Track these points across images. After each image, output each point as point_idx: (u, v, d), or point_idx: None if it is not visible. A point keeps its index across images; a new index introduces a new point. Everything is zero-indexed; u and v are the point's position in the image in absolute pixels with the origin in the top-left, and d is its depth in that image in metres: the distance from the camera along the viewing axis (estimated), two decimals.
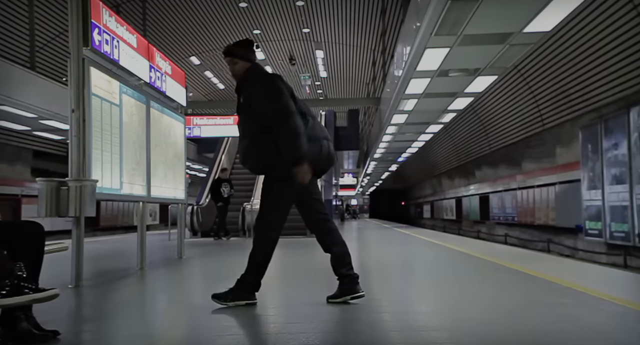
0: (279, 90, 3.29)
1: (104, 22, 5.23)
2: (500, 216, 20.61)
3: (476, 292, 3.95)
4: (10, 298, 2.21)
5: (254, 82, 3.38)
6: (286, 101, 3.27)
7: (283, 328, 2.87)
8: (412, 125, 13.21)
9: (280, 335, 2.66)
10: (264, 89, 3.32)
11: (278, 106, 3.25)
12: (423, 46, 6.60)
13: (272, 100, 3.26)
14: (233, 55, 3.42)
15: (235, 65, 3.41)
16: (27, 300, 2.22)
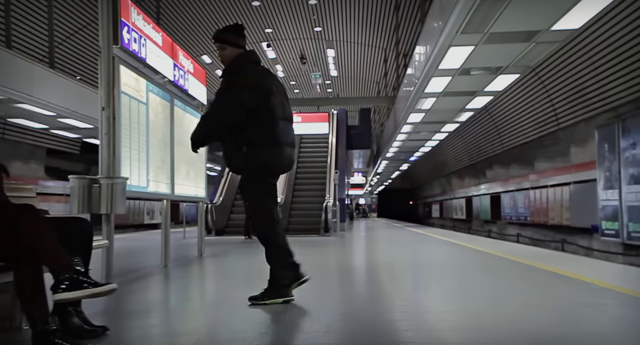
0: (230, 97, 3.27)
1: (133, 20, 5.24)
2: (512, 216, 20.52)
3: (515, 292, 3.92)
4: (70, 292, 2.22)
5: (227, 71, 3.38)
6: (221, 102, 3.29)
7: (308, 328, 2.86)
8: (427, 124, 13.17)
9: (306, 335, 2.66)
10: (224, 84, 3.35)
11: (215, 110, 3.33)
12: (447, 44, 6.57)
13: (218, 101, 3.30)
14: (222, 41, 3.39)
15: (223, 50, 3.38)
16: (87, 295, 2.23)
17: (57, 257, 2.28)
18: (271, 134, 3.33)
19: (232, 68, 3.38)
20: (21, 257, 2.25)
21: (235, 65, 3.37)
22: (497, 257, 6.74)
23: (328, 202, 13.44)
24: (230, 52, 3.36)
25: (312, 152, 17.82)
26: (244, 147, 3.33)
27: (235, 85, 3.30)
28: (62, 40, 14.10)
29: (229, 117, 3.29)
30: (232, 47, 3.37)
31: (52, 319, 2.29)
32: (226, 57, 3.37)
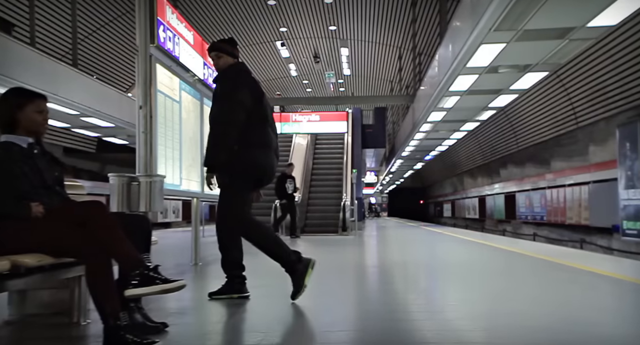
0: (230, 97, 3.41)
1: (167, 19, 5.27)
2: (528, 215, 20.40)
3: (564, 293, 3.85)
4: (142, 288, 2.23)
5: (225, 76, 3.54)
6: (236, 109, 3.38)
7: (331, 327, 2.86)
8: (448, 123, 13.12)
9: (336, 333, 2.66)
10: (227, 86, 3.46)
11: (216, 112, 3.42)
12: (479, 42, 6.54)
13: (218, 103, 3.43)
14: (219, 49, 3.59)
15: (219, 59, 3.58)
16: (158, 291, 2.24)
17: (127, 253, 2.30)
18: (263, 136, 3.51)
19: (228, 73, 3.55)
20: (92, 253, 2.27)
21: (231, 71, 3.55)
22: (526, 256, 6.70)
23: (346, 201, 13.45)
24: (225, 61, 3.56)
25: (327, 151, 17.83)
26: (235, 146, 3.43)
27: (238, 86, 3.46)
28: (83, 37, 14.22)
29: (240, 117, 3.43)
30: (228, 56, 3.57)
31: (123, 315, 2.30)
32: (221, 66, 3.57)
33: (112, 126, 11.85)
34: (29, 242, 2.25)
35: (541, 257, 6.44)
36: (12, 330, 2.87)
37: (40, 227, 2.29)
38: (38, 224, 2.30)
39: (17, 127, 2.63)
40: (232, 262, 3.63)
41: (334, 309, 3.47)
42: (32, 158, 2.61)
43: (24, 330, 2.87)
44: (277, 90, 28.08)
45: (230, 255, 3.62)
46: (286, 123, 15.58)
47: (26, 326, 2.93)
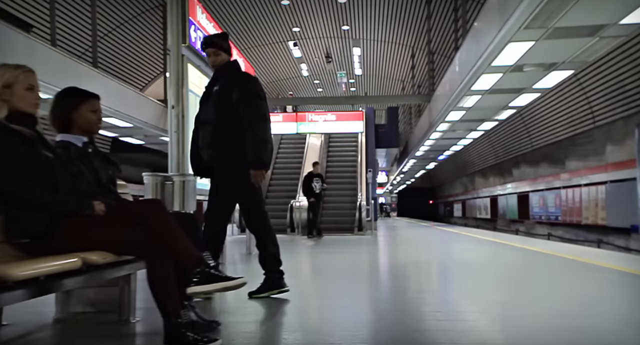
0: (262, 96, 3.46)
1: (198, 19, 5.29)
2: (542, 215, 20.28)
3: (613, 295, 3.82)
4: (203, 285, 2.24)
5: (237, 80, 3.50)
6: (266, 108, 3.46)
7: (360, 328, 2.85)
8: (465, 123, 13.07)
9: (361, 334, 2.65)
10: (249, 91, 3.45)
11: (259, 111, 3.41)
12: (506, 40, 6.50)
13: (255, 103, 3.42)
14: (219, 47, 3.55)
15: (217, 57, 3.55)
16: (219, 288, 2.25)
17: (188, 251, 2.31)
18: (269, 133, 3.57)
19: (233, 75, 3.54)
20: (152, 251, 2.28)
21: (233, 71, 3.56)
22: (555, 256, 6.65)
23: (362, 201, 13.44)
24: (223, 59, 3.55)
25: (341, 151, 17.82)
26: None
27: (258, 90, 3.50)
28: (101, 36, 14.32)
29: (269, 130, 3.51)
30: (226, 54, 3.56)
31: (184, 313, 2.31)
32: (218, 63, 3.54)
33: (130, 126, 11.90)
34: (93, 240, 2.27)
35: (570, 257, 6.40)
36: (64, 328, 2.89)
37: (103, 225, 2.31)
38: (100, 222, 2.32)
39: (72, 126, 2.65)
40: (269, 257, 3.64)
41: (372, 309, 3.47)
42: (88, 157, 2.63)
43: (74, 328, 2.89)
44: (289, 90, 28.11)
45: (268, 251, 3.65)
46: (302, 123, 15.60)
47: (76, 324, 2.95)
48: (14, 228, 2.19)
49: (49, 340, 2.73)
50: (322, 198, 11.55)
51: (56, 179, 2.30)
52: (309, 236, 11.26)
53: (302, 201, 13.49)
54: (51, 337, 2.77)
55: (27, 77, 2.29)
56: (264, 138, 3.42)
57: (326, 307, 3.45)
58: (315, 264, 6.35)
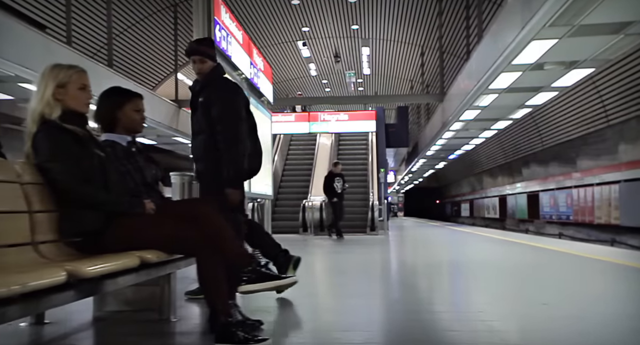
0: (239, 114, 3.30)
1: (222, 18, 5.29)
2: (553, 215, 20.20)
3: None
4: (255, 284, 2.24)
5: (219, 91, 3.36)
6: (241, 127, 3.29)
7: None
8: (479, 122, 13.01)
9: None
10: (228, 110, 3.28)
11: (232, 130, 3.25)
12: (530, 38, 6.46)
13: (230, 122, 3.27)
14: (204, 54, 3.41)
15: (203, 64, 3.40)
16: (271, 287, 2.25)
17: (239, 250, 2.31)
18: (255, 145, 3.55)
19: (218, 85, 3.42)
20: (204, 250, 2.28)
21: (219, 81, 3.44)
22: (579, 256, 6.61)
23: (374, 201, 13.42)
24: (209, 66, 3.42)
25: (351, 151, 17.80)
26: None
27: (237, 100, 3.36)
28: (115, 34, 14.39)
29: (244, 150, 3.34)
30: (211, 62, 3.44)
31: (235, 312, 2.31)
32: (204, 70, 3.41)
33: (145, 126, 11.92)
34: (144, 239, 2.27)
35: (596, 257, 6.36)
36: (106, 327, 2.90)
37: (154, 224, 2.31)
38: (151, 221, 2.32)
39: (116, 125, 2.66)
40: (268, 246, 3.67)
41: (401, 309, 3.46)
42: (133, 156, 2.63)
43: (117, 326, 2.89)
44: (297, 90, 28.11)
45: (265, 242, 3.71)
46: (314, 122, 15.59)
47: (118, 322, 2.95)
48: (68, 226, 2.20)
49: (95, 338, 2.73)
50: (343, 198, 11.32)
51: (108, 178, 2.31)
52: (335, 236, 10.92)
53: (314, 201, 13.48)
54: (96, 335, 2.78)
55: (80, 77, 2.29)
56: (238, 159, 3.26)
57: (357, 307, 3.44)
58: (334, 265, 6.33)
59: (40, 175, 2.17)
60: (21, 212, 2.01)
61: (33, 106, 2.24)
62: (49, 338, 2.62)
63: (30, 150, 2.21)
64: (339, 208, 11.04)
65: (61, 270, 1.55)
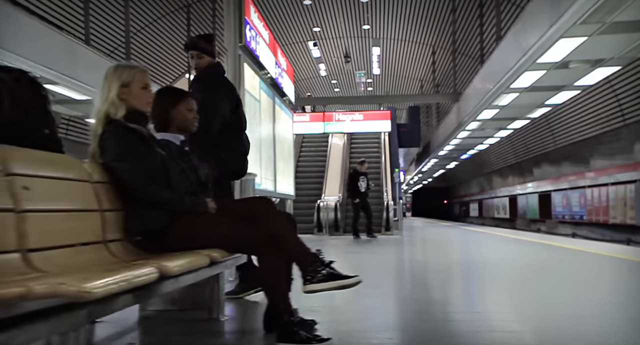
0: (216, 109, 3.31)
1: (252, 18, 5.30)
2: (565, 214, 20.11)
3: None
4: (320, 284, 2.23)
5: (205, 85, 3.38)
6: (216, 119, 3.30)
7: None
8: (496, 121, 12.97)
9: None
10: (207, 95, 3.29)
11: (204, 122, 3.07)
12: (558, 35, 6.41)
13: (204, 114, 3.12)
14: (202, 49, 3.46)
15: (201, 59, 3.44)
16: (335, 286, 2.23)
17: (302, 249, 2.30)
18: (240, 145, 3.54)
19: (207, 79, 3.45)
20: (266, 249, 2.27)
21: (208, 76, 3.46)
22: (609, 257, 6.56)
23: (389, 201, 13.40)
24: (206, 61, 3.46)
25: (363, 151, 17.78)
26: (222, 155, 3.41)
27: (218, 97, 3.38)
28: (133, 33, 14.46)
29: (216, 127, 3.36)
30: (209, 57, 3.47)
31: (296, 311, 2.30)
32: (201, 65, 3.45)
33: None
34: (207, 238, 2.27)
35: (623, 256, 6.32)
36: (156, 325, 2.90)
37: (216, 222, 2.31)
38: (212, 220, 2.32)
39: (170, 125, 2.66)
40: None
41: (439, 310, 3.45)
42: (187, 155, 2.64)
43: (166, 325, 2.90)
44: (307, 91, 28.11)
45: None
46: (329, 122, 15.59)
47: (167, 321, 2.95)
48: (134, 225, 2.20)
49: (147, 337, 2.74)
50: (367, 197, 11.05)
51: (170, 176, 2.31)
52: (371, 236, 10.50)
53: (328, 201, 13.47)
54: (148, 334, 2.78)
55: (142, 76, 2.30)
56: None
57: (389, 308, 3.44)
58: (355, 265, 6.31)
59: (107, 175, 2.18)
60: (94, 210, 2.02)
61: (98, 106, 2.25)
62: (107, 335, 2.63)
63: (96, 150, 2.22)
64: (364, 208, 10.68)
65: (152, 267, 1.55)
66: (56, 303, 1.23)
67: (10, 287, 1.14)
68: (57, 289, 1.14)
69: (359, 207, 10.66)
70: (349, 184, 10.84)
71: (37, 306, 1.21)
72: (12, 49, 6.08)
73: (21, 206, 1.57)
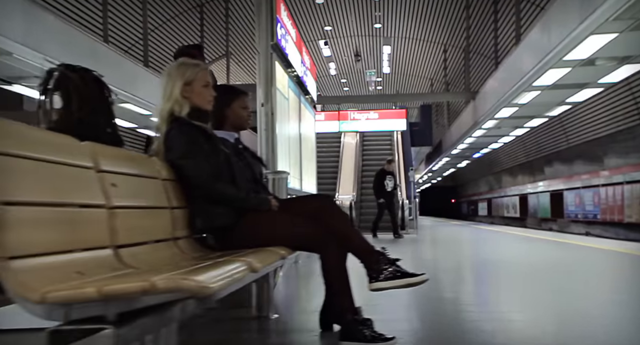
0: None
1: (282, 16, 5.30)
2: (578, 213, 20.01)
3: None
4: (387, 282, 2.22)
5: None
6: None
7: None
8: (514, 120, 12.90)
9: None
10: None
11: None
12: (588, 32, 6.35)
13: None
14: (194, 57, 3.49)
15: None
16: (403, 284, 2.22)
17: (366, 246, 2.29)
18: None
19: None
20: (330, 247, 2.26)
21: None
22: (631, 255, 6.52)
23: (404, 200, 13.38)
24: None
25: (376, 150, 17.75)
26: None
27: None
28: (153, 28, 14.54)
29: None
30: None
31: (360, 309, 2.29)
32: None
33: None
34: (271, 236, 2.26)
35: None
36: (205, 323, 2.89)
37: (280, 220, 2.30)
38: (275, 218, 2.32)
39: (224, 123, 2.66)
40: None
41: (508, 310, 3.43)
42: (241, 153, 2.63)
43: (216, 323, 2.89)
44: (317, 91, 28.10)
45: None
46: (344, 121, 15.57)
47: (216, 320, 2.95)
48: (200, 222, 2.20)
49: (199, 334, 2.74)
50: (394, 196, 10.88)
51: (234, 174, 2.31)
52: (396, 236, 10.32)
53: (343, 199, 13.47)
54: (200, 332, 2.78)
55: (204, 74, 2.30)
56: None
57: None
58: None
59: (173, 172, 2.18)
60: (165, 208, 2.02)
61: (161, 105, 2.25)
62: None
63: (160, 148, 2.22)
64: (388, 208, 10.48)
65: (241, 263, 1.56)
66: (170, 298, 1.23)
67: (134, 282, 1.14)
68: (180, 284, 1.14)
69: (384, 207, 10.46)
70: (375, 182, 10.63)
71: (154, 301, 1.21)
72: (42, 50, 6.12)
73: (111, 202, 1.58)
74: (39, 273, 1.17)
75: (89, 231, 1.45)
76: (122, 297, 1.13)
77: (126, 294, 1.13)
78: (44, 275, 1.18)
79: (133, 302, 1.16)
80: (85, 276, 1.31)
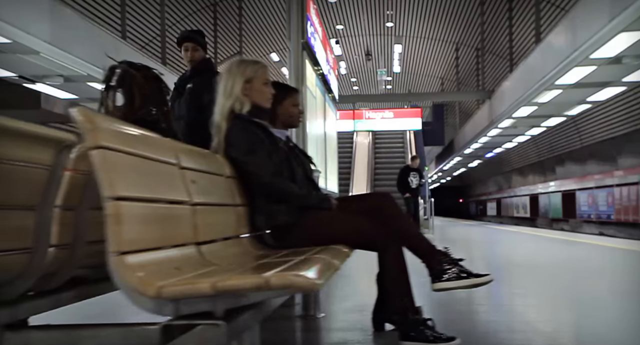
0: None
1: (311, 14, 5.28)
2: (591, 214, 19.86)
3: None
4: (452, 282, 2.19)
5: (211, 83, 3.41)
6: None
7: None
8: (531, 119, 12.82)
9: None
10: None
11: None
12: (618, 29, 6.28)
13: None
14: (198, 43, 3.58)
15: (195, 52, 3.56)
16: (468, 285, 2.20)
17: (429, 245, 2.26)
18: None
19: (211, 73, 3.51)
20: (390, 245, 2.24)
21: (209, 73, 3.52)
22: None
23: (418, 199, 13.34)
24: (201, 55, 3.59)
25: (388, 149, 17.73)
26: None
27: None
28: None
29: None
30: (203, 51, 3.62)
31: (421, 309, 2.26)
32: (197, 58, 3.56)
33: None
34: (332, 234, 2.23)
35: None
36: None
37: (340, 219, 2.27)
38: (334, 216, 2.29)
39: (276, 120, 2.63)
40: None
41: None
42: (292, 150, 2.61)
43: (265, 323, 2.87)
44: None
45: None
46: (359, 120, 15.54)
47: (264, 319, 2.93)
48: (261, 219, 2.18)
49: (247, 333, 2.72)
50: (419, 193, 10.84)
51: (294, 171, 2.29)
52: None
53: None
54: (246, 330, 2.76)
55: (264, 72, 2.29)
56: None
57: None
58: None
59: (235, 169, 2.16)
60: (231, 205, 2.00)
61: (222, 102, 2.23)
62: None
63: (220, 145, 2.20)
64: (413, 204, 10.45)
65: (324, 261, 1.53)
66: (279, 295, 1.21)
67: (248, 278, 1.12)
68: (292, 281, 1.12)
69: (411, 201, 10.40)
70: (399, 179, 10.53)
71: (261, 297, 1.19)
72: (68, 48, 6.13)
73: (193, 199, 1.56)
74: (148, 268, 1.15)
75: (178, 227, 1.44)
76: (235, 292, 1.12)
77: (240, 290, 1.12)
78: (151, 271, 1.16)
79: (242, 298, 1.15)
80: (182, 272, 1.29)
